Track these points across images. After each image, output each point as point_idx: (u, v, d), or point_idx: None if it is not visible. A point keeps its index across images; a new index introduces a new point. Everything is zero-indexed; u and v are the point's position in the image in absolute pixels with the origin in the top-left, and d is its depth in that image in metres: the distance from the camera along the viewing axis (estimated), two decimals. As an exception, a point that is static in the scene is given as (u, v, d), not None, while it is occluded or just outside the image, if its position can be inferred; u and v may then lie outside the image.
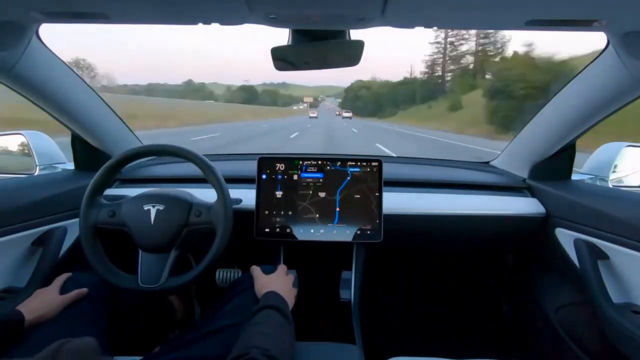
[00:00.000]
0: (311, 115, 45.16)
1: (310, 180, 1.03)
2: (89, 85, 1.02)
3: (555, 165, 1.08)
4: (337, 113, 57.18)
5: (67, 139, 1.13)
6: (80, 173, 1.12)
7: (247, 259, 0.99)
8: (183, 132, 14.71)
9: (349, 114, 47.29)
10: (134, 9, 0.62)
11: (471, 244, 1.27)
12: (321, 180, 1.03)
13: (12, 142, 1.22)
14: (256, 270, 0.82)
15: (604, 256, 0.85)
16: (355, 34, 0.73)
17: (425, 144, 12.70)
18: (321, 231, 1.01)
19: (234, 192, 0.95)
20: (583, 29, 0.64)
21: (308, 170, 1.03)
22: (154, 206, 0.83)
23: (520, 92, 17.07)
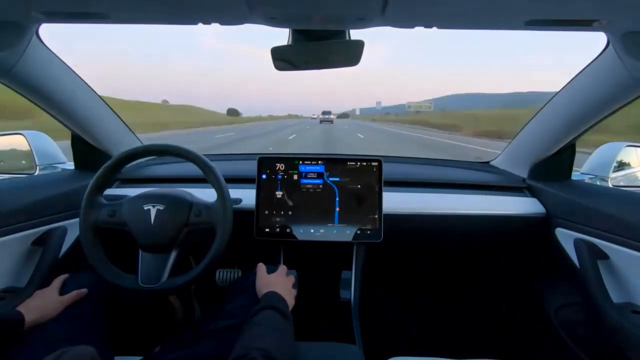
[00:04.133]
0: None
1: (310, 180, 1.03)
2: (88, 85, 1.02)
3: (555, 165, 1.08)
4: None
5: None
6: (80, 173, 1.12)
7: (247, 259, 0.99)
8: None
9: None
10: (134, 9, 0.62)
11: (471, 244, 1.27)
12: (321, 180, 1.03)
13: (12, 142, 1.22)
14: (261, 269, 0.82)
15: (604, 256, 0.85)
16: (355, 34, 0.74)
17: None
18: (321, 231, 1.01)
19: (234, 192, 0.95)
20: (583, 29, 0.64)
21: (308, 170, 1.03)
22: (154, 206, 0.83)
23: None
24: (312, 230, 1.01)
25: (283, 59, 0.80)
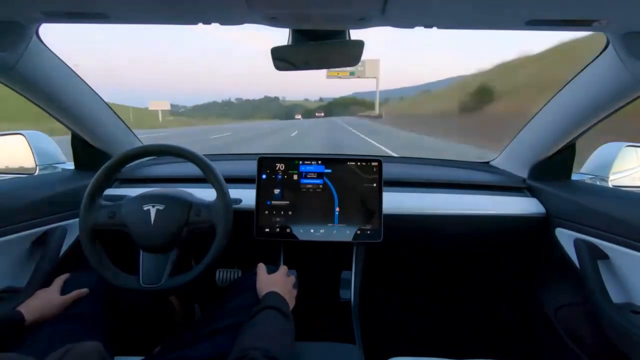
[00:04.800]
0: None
1: (310, 180, 1.03)
2: (89, 85, 1.02)
3: (555, 165, 1.08)
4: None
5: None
6: (80, 173, 1.12)
7: (247, 259, 0.99)
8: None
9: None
10: (133, 9, 0.62)
11: (471, 244, 1.27)
12: (321, 180, 1.03)
13: (12, 142, 1.22)
14: (261, 268, 0.82)
15: (604, 256, 0.85)
16: (355, 34, 0.74)
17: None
18: (321, 231, 1.01)
19: (234, 192, 0.95)
20: (583, 29, 0.64)
21: (308, 170, 1.03)
22: (154, 206, 0.83)
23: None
24: (312, 230, 1.01)
25: (283, 58, 0.80)
